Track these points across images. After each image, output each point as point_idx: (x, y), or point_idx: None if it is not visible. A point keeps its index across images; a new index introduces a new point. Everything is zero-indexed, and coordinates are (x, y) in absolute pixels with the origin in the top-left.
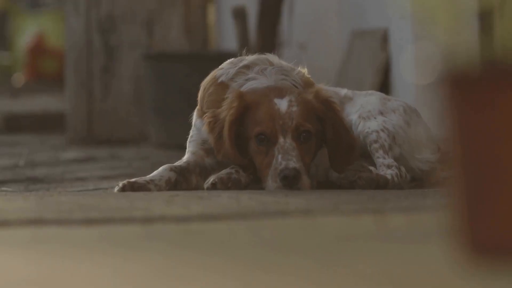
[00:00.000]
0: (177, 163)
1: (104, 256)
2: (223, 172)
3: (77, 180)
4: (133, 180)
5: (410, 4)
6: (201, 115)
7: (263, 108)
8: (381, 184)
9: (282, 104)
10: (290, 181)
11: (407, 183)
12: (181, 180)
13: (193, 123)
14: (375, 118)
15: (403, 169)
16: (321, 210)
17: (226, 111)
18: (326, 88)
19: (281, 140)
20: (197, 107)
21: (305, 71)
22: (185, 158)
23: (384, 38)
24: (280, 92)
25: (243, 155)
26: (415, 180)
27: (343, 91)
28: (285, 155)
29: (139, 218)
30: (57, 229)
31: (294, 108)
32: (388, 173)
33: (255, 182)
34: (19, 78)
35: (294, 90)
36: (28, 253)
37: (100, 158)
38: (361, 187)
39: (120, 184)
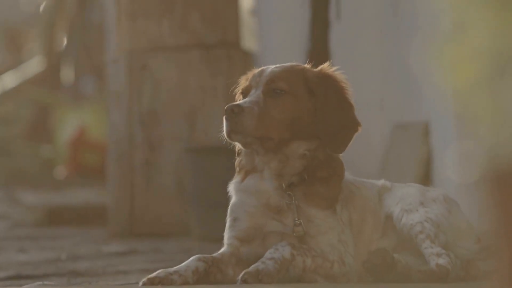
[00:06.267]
0: (211, 255)
1: None
2: (252, 266)
3: (119, 273)
4: (153, 275)
5: (452, 100)
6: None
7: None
8: (441, 275)
9: (269, 68)
10: (229, 113)
11: (458, 270)
12: (215, 271)
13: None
14: (417, 210)
15: (452, 255)
16: None
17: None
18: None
19: (252, 92)
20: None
21: None
22: (221, 250)
23: (425, 132)
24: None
25: None
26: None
27: (380, 182)
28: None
29: None
30: None
31: (277, 70)
32: (441, 262)
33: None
34: (61, 171)
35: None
36: None
37: (142, 251)
38: (420, 280)
39: (140, 283)
